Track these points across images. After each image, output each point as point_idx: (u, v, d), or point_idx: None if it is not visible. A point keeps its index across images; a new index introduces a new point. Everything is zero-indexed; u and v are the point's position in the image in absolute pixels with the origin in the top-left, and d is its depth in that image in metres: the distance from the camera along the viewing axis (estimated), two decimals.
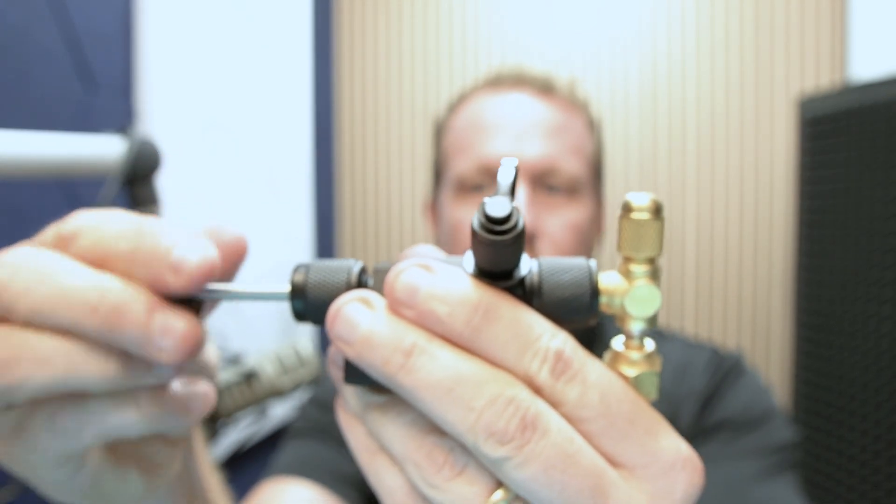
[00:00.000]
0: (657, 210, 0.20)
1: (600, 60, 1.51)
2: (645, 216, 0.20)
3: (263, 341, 1.30)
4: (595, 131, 0.69)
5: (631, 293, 0.20)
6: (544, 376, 0.19)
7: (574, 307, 0.20)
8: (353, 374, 0.20)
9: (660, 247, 0.20)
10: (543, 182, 0.61)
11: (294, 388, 1.14)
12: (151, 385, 0.22)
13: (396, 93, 1.66)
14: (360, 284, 0.22)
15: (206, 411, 0.24)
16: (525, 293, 0.20)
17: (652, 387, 0.21)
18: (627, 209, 0.20)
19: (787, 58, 1.40)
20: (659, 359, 0.21)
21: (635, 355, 0.21)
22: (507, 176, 0.20)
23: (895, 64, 1.25)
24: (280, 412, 1.34)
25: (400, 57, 1.65)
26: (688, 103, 1.46)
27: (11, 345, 0.20)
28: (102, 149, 0.62)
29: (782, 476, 0.57)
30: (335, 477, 0.60)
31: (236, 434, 1.18)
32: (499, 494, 0.19)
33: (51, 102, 0.87)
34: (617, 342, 0.21)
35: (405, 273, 0.20)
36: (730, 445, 0.59)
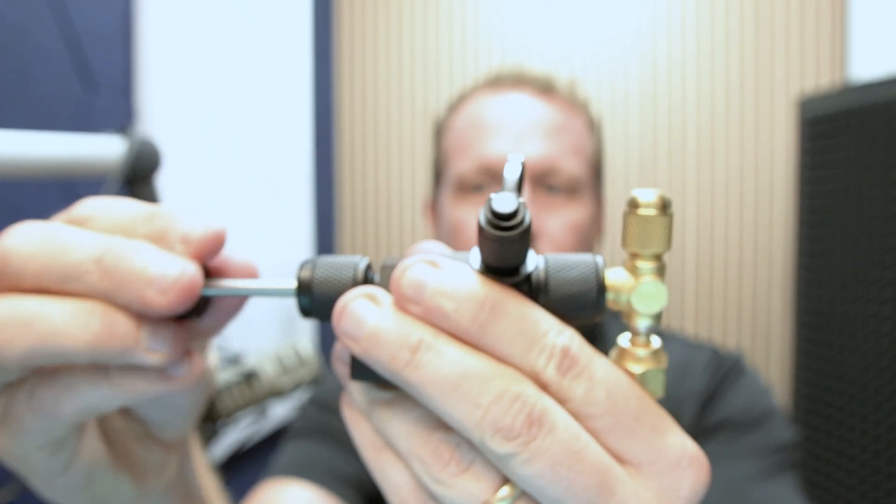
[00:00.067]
0: (664, 206, 0.19)
1: (600, 60, 1.51)
2: (652, 212, 0.19)
3: (263, 341, 1.30)
4: (595, 131, 0.69)
5: (637, 290, 0.20)
6: (551, 373, 0.19)
7: (581, 304, 0.20)
8: (360, 371, 0.20)
9: (667, 243, 0.20)
10: (543, 182, 0.61)
11: (294, 388, 1.14)
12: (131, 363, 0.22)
13: (396, 93, 1.65)
14: (367, 281, 0.22)
15: (194, 379, 0.22)
16: (531, 290, 0.20)
17: (658, 384, 0.21)
18: (634, 205, 0.20)
19: (787, 58, 1.40)
20: (665, 356, 0.21)
21: (641, 352, 0.21)
22: (514, 172, 0.20)
23: (895, 64, 1.25)
24: (280, 412, 1.34)
25: (400, 57, 1.65)
26: (688, 103, 1.46)
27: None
28: (102, 149, 0.62)
29: (782, 476, 0.57)
30: (335, 477, 0.60)
31: (236, 434, 1.18)
32: (505, 491, 0.19)
33: (51, 102, 0.87)
34: (623, 339, 0.21)
35: (412, 269, 0.19)
36: (730, 445, 0.59)
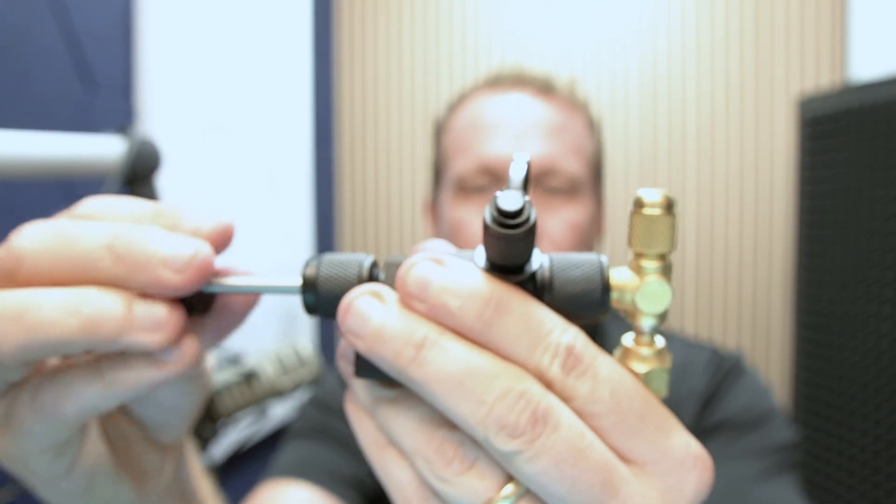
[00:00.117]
0: (669, 206, 0.19)
1: (600, 60, 1.51)
2: (657, 212, 0.19)
3: (263, 341, 1.30)
4: (595, 131, 0.69)
5: (642, 289, 0.20)
6: (555, 371, 0.19)
7: (585, 303, 0.20)
8: (364, 368, 0.20)
9: (672, 243, 0.20)
10: (543, 182, 0.61)
11: (294, 389, 1.14)
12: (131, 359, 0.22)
13: (396, 93, 1.65)
14: (371, 278, 0.22)
15: (187, 363, 0.22)
16: (536, 288, 0.20)
17: (662, 383, 0.21)
18: (639, 205, 0.20)
19: (787, 58, 1.40)
20: (669, 356, 0.21)
21: (646, 351, 0.21)
22: (520, 171, 0.20)
23: (895, 64, 1.25)
24: (280, 412, 1.34)
25: (400, 57, 1.64)
26: (688, 103, 1.46)
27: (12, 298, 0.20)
28: (102, 149, 0.62)
29: (783, 476, 0.57)
30: (335, 478, 0.60)
31: (236, 434, 1.18)
32: (509, 489, 0.19)
33: (51, 102, 0.87)
34: (627, 338, 0.21)
35: (417, 267, 0.19)
36: (730, 445, 0.59)
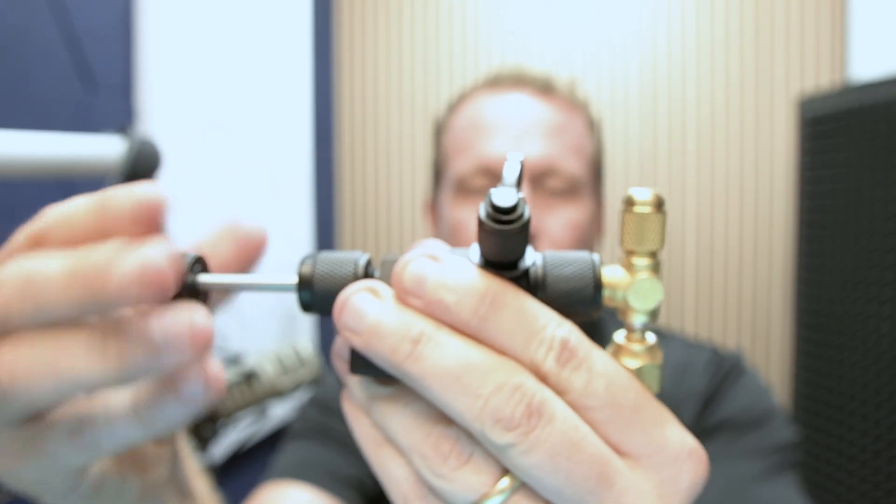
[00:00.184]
0: (659, 204, 0.20)
1: (600, 60, 1.51)
2: (647, 210, 0.20)
3: (263, 341, 1.30)
4: (595, 131, 0.69)
5: (633, 286, 0.20)
6: (550, 364, 0.19)
7: (578, 300, 0.20)
8: (360, 365, 0.20)
9: (662, 240, 0.20)
10: (543, 182, 0.61)
11: (294, 389, 1.14)
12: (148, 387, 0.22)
13: (396, 93, 1.65)
14: (367, 276, 0.22)
15: (214, 397, 0.22)
16: (529, 285, 0.21)
17: (654, 379, 0.21)
18: (630, 203, 0.20)
19: (787, 58, 1.40)
20: (660, 352, 0.21)
21: (637, 347, 0.21)
22: (513, 169, 0.20)
23: (895, 64, 1.25)
24: (280, 412, 1.34)
25: (400, 57, 1.64)
26: (688, 103, 1.46)
27: (27, 351, 0.19)
28: (102, 149, 0.62)
29: (783, 476, 0.57)
30: (335, 479, 0.60)
31: (236, 434, 1.18)
32: (505, 482, 0.19)
33: (51, 102, 0.87)
34: (619, 335, 0.22)
35: (413, 263, 0.20)
36: (730, 445, 0.59)
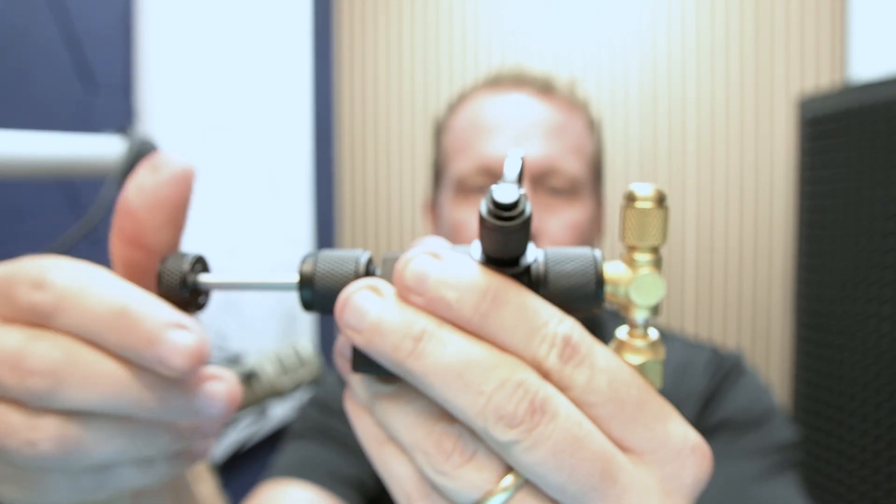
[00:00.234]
0: (660, 199, 0.20)
1: (600, 60, 1.51)
2: (648, 205, 0.20)
3: (263, 341, 1.30)
4: (595, 131, 0.69)
5: (635, 282, 0.20)
6: (552, 361, 0.19)
7: (579, 296, 0.20)
8: (362, 363, 0.20)
9: (663, 235, 0.20)
10: (544, 182, 0.61)
11: (294, 389, 1.14)
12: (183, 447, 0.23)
13: (396, 93, 1.65)
14: (368, 274, 0.22)
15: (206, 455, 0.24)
16: (531, 282, 0.20)
17: (656, 375, 0.21)
18: (631, 198, 0.20)
19: (787, 58, 1.40)
20: (663, 348, 0.21)
21: (640, 343, 0.21)
22: (514, 166, 0.20)
23: (895, 64, 1.25)
24: (280, 412, 1.33)
25: (400, 57, 1.64)
26: (688, 103, 1.46)
27: (72, 428, 0.20)
28: (102, 149, 0.62)
29: (783, 475, 0.57)
30: (335, 478, 0.60)
31: (236, 434, 1.18)
32: (508, 480, 0.19)
33: (51, 102, 0.87)
34: (621, 331, 0.21)
35: (414, 260, 0.20)
36: (730, 445, 0.59)
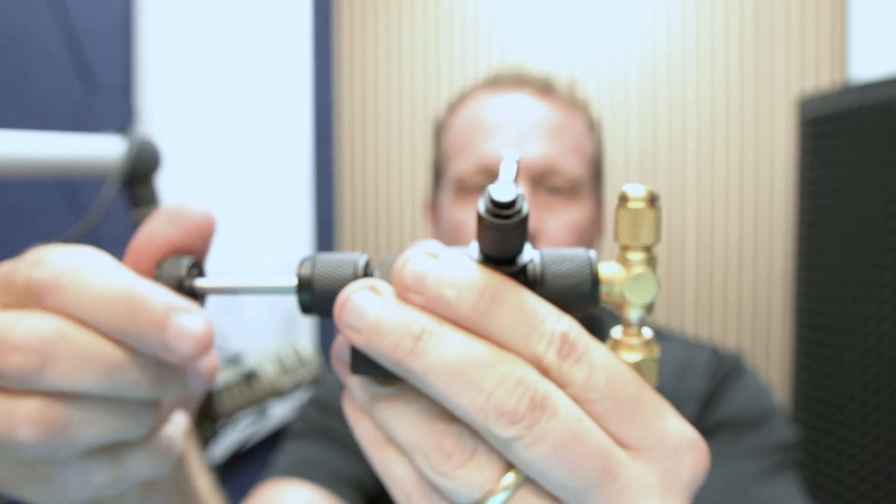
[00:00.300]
0: (652, 199, 0.20)
1: (600, 60, 1.51)
2: (641, 205, 0.20)
3: (263, 341, 1.30)
4: (595, 131, 0.69)
5: (630, 281, 0.20)
6: (551, 358, 0.19)
7: (575, 296, 0.21)
8: (360, 365, 0.20)
9: (657, 235, 0.20)
10: (544, 182, 0.61)
11: (294, 388, 1.14)
12: (166, 430, 0.24)
13: (396, 93, 1.65)
14: (366, 276, 0.22)
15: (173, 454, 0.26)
16: (528, 281, 0.21)
17: (652, 373, 0.21)
18: (624, 199, 0.20)
19: (787, 58, 1.40)
20: (657, 346, 0.21)
21: (634, 341, 0.21)
22: (510, 166, 0.20)
23: (895, 64, 1.25)
24: (280, 412, 1.34)
25: (400, 57, 1.65)
26: (688, 103, 1.46)
27: (55, 411, 0.20)
28: (102, 149, 0.62)
29: (783, 475, 0.57)
30: (335, 478, 0.60)
31: (236, 434, 1.18)
32: (509, 478, 0.19)
33: (51, 102, 0.87)
34: (616, 330, 0.22)
35: (413, 260, 0.20)
36: (730, 445, 0.59)
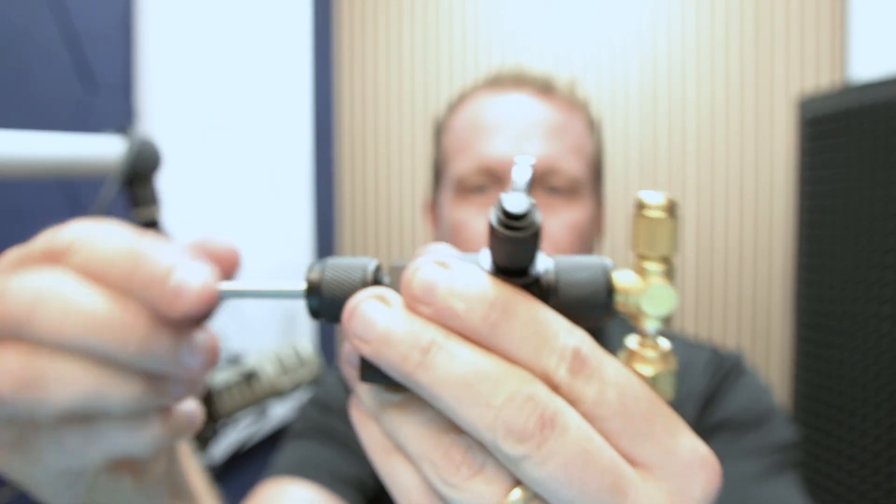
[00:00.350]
0: (671, 208, 0.19)
1: (600, 60, 1.51)
2: (659, 214, 0.19)
3: (263, 341, 1.30)
4: (595, 131, 0.69)
5: (647, 292, 0.20)
6: (562, 374, 0.19)
7: (590, 306, 0.20)
8: (369, 373, 0.20)
9: (675, 245, 0.20)
10: (544, 183, 0.61)
11: (294, 388, 1.14)
12: (161, 406, 0.23)
13: (396, 93, 1.65)
14: (376, 282, 0.22)
15: (196, 429, 0.25)
16: (541, 291, 0.20)
17: (668, 385, 0.21)
18: (641, 207, 0.20)
19: (787, 58, 1.40)
20: (675, 358, 0.21)
21: (651, 354, 0.21)
22: (524, 174, 0.20)
23: (895, 64, 1.25)
24: (280, 412, 1.34)
25: (400, 57, 1.64)
26: (688, 103, 1.46)
27: (36, 364, 0.20)
28: (102, 149, 0.62)
29: (783, 475, 0.57)
30: (335, 478, 0.60)
31: (236, 434, 1.18)
32: (517, 493, 0.19)
33: (51, 102, 0.87)
34: (631, 341, 0.21)
35: (422, 270, 0.19)
36: (731, 445, 0.59)
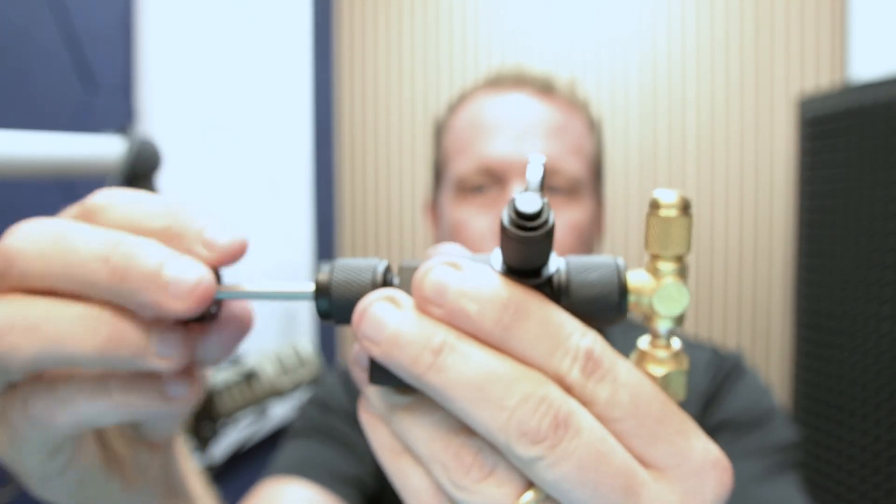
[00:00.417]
0: (685, 207, 0.19)
1: (600, 60, 1.51)
2: (673, 213, 0.19)
3: (263, 341, 1.30)
4: (595, 131, 0.69)
5: (659, 291, 0.20)
6: (575, 375, 0.19)
7: (603, 306, 0.20)
8: (379, 375, 0.20)
9: (688, 244, 0.19)
10: (544, 182, 0.61)
11: (294, 388, 1.14)
12: (126, 372, 0.22)
13: (396, 93, 1.65)
14: (386, 283, 0.21)
15: (192, 401, 0.23)
16: (553, 292, 0.20)
17: (680, 386, 0.20)
18: (655, 206, 0.20)
19: (787, 58, 1.40)
20: (686, 358, 0.21)
21: (663, 354, 0.21)
22: (536, 173, 0.20)
23: (895, 64, 1.25)
24: (280, 412, 1.33)
25: (400, 57, 1.64)
26: (688, 103, 1.46)
27: (3, 313, 0.20)
28: (102, 149, 0.62)
29: (784, 475, 0.57)
30: (335, 477, 0.60)
31: (236, 434, 1.18)
32: (529, 496, 0.19)
33: (51, 102, 0.87)
34: (643, 341, 0.21)
35: (434, 271, 0.19)
36: (731, 445, 0.59)
